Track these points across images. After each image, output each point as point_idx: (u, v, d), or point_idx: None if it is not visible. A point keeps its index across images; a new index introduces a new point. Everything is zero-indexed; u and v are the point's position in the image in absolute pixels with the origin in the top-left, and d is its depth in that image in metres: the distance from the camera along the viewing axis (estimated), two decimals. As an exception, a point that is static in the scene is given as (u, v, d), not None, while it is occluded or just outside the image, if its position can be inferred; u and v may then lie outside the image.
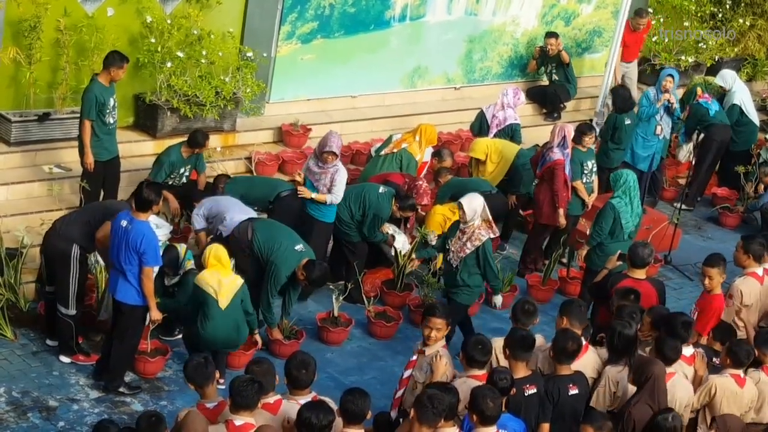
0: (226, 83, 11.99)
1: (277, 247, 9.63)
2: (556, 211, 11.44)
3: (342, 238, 10.77)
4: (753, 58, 17.36)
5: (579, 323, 8.00)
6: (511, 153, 12.12)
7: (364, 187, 10.96)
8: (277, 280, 9.60)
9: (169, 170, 10.78)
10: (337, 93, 13.51)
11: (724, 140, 14.10)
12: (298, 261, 9.62)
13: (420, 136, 11.87)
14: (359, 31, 13.41)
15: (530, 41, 15.15)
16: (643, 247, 9.19)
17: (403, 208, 10.79)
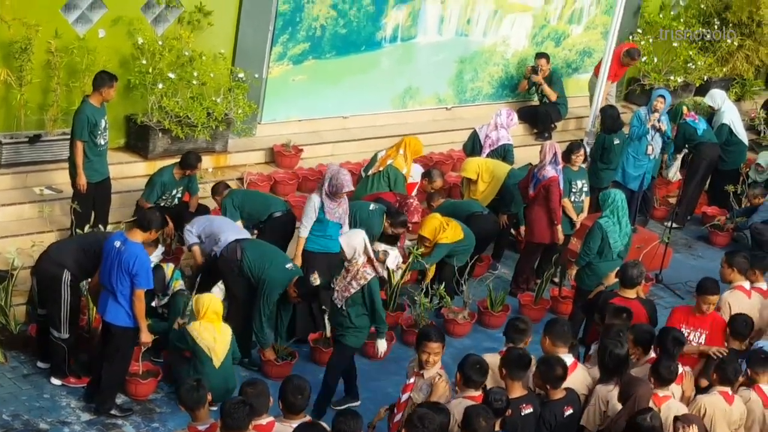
0: (217, 104, 11.93)
1: (268, 265, 9.57)
2: (551, 228, 11.36)
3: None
4: (741, 77, 17.40)
5: (563, 342, 7.95)
6: (502, 172, 12.07)
7: (355, 205, 10.88)
8: (269, 298, 9.54)
9: (161, 191, 10.70)
10: (329, 114, 13.46)
11: (713, 158, 14.11)
12: (290, 279, 9.58)
13: (404, 149, 11.78)
14: (350, 52, 13.37)
15: (521, 62, 15.14)
16: (632, 267, 9.20)
17: (394, 225, 10.72)
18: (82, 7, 11.12)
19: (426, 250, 11.06)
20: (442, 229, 10.94)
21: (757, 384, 8.10)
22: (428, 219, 11.12)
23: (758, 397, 8.06)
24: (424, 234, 11.01)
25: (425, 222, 11.10)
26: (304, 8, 12.75)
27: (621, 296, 9.15)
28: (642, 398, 7.42)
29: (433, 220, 11.03)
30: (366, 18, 13.36)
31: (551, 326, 8.05)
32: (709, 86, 16.30)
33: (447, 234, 10.94)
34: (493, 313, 11.16)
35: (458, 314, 10.95)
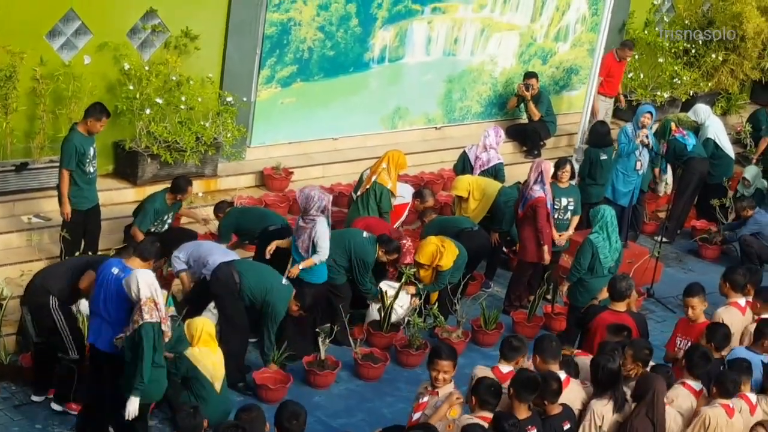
0: (206, 128, 11.79)
1: (269, 287, 9.54)
2: (540, 248, 11.27)
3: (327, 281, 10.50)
4: (726, 92, 17.41)
5: (553, 359, 7.87)
6: (493, 190, 11.95)
7: (347, 233, 10.73)
8: (276, 318, 9.56)
9: (154, 217, 10.54)
10: (319, 136, 13.34)
11: (703, 173, 14.14)
12: (290, 294, 9.60)
13: (387, 163, 11.62)
14: (339, 74, 13.26)
15: (508, 80, 15.07)
16: (621, 280, 9.25)
17: (389, 252, 10.63)
18: (67, 33, 10.98)
19: (425, 274, 10.92)
20: (439, 253, 10.81)
21: (742, 393, 8.06)
22: (424, 244, 10.98)
23: (747, 406, 8.03)
24: (422, 261, 10.90)
25: (422, 247, 10.99)
26: (291, 31, 12.64)
27: (611, 310, 9.18)
28: (659, 393, 7.54)
29: (430, 246, 10.90)
30: (353, 39, 13.25)
31: (539, 344, 7.99)
32: (695, 101, 16.30)
33: (446, 258, 10.83)
34: (486, 332, 11.02)
35: (452, 333, 10.80)
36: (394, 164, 11.66)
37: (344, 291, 10.56)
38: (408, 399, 9.67)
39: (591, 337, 9.11)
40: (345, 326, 10.33)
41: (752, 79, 17.53)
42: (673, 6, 17.01)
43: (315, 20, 12.83)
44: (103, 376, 8.45)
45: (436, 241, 10.95)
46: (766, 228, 13.43)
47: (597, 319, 9.11)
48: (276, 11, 12.43)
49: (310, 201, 9.99)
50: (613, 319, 8.98)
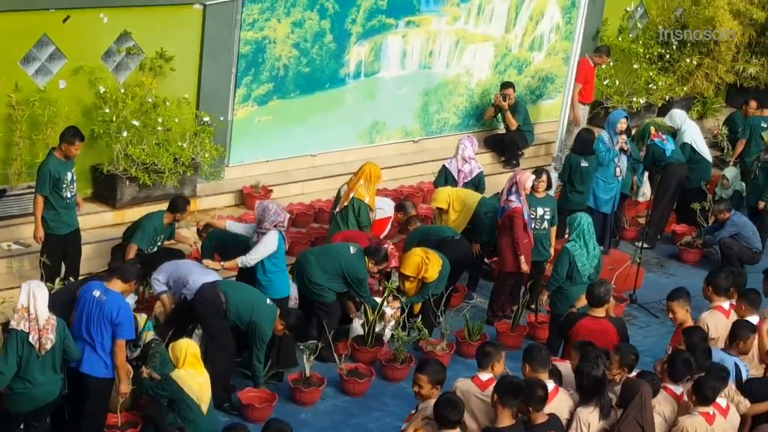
0: (184, 149, 11.82)
1: (256, 306, 9.58)
2: (518, 258, 11.33)
3: (315, 299, 10.55)
4: (702, 96, 17.53)
5: (542, 368, 7.93)
6: (473, 201, 12.02)
7: (334, 251, 10.73)
8: (263, 337, 9.58)
9: (152, 236, 10.53)
10: (297, 153, 13.38)
11: (682, 178, 14.20)
12: (276, 314, 9.64)
13: (364, 178, 11.66)
14: (315, 90, 13.33)
15: (485, 91, 15.16)
16: (599, 286, 9.34)
17: (378, 262, 10.68)
18: (41, 58, 11.01)
19: (410, 285, 10.97)
20: (424, 264, 10.85)
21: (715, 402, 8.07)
22: (409, 256, 11.00)
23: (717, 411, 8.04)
24: (407, 272, 10.93)
25: (406, 259, 11.01)
26: (266, 49, 12.70)
27: (591, 316, 9.25)
28: (646, 396, 7.64)
29: (414, 257, 10.93)
30: (328, 55, 13.32)
31: (528, 353, 8.05)
32: (671, 106, 16.41)
33: (431, 270, 10.87)
34: (471, 343, 11.07)
35: (436, 346, 10.86)
36: (370, 178, 11.70)
37: (333, 309, 10.60)
38: (394, 413, 9.74)
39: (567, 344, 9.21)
40: (329, 342, 10.36)
41: (727, 82, 17.63)
42: (646, 12, 17.15)
43: (290, 37, 12.89)
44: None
45: (420, 252, 10.98)
46: (743, 229, 13.53)
47: (577, 326, 9.19)
48: (250, 30, 12.49)
49: (266, 213, 10.08)
50: (593, 325, 9.08)
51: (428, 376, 7.50)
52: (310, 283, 10.48)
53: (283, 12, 12.73)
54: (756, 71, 17.62)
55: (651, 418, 7.70)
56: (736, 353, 8.82)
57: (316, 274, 10.44)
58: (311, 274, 10.45)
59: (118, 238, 10.99)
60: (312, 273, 10.45)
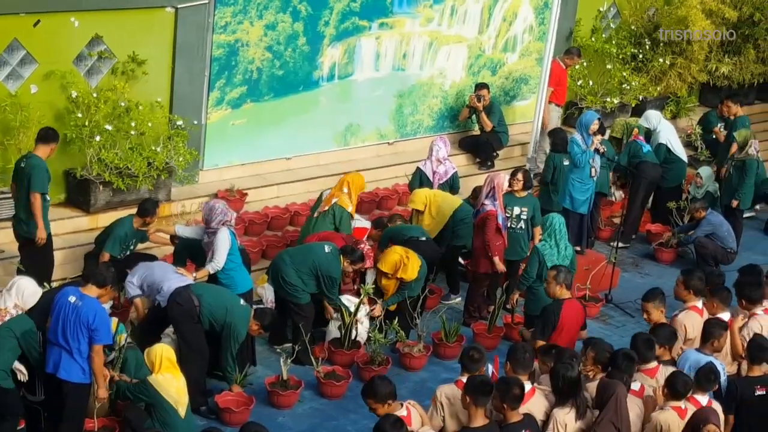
0: (157, 153, 11.88)
1: (229, 308, 9.65)
2: (491, 260, 11.46)
3: (289, 300, 10.64)
4: (675, 95, 17.71)
5: (522, 369, 8.09)
6: (449, 208, 12.08)
7: (308, 248, 10.85)
8: (237, 338, 9.66)
9: (123, 242, 10.60)
10: (271, 156, 13.46)
11: (654, 178, 14.34)
12: (250, 314, 9.74)
13: (348, 186, 11.78)
14: (289, 93, 13.41)
15: (459, 93, 15.27)
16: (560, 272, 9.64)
17: (354, 262, 10.77)
18: (12, 63, 11.04)
19: (387, 283, 11.05)
20: (402, 263, 10.95)
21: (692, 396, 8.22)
22: (389, 253, 11.08)
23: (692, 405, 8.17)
24: (384, 269, 11.01)
25: (385, 256, 11.09)
26: (239, 52, 12.78)
27: (567, 300, 9.60)
28: (621, 396, 7.76)
29: (393, 255, 11.01)
30: (302, 58, 13.41)
31: (512, 353, 8.21)
32: (645, 106, 16.59)
33: (410, 270, 10.96)
34: (448, 345, 11.19)
35: (413, 348, 10.96)
36: (354, 187, 11.80)
37: (307, 310, 10.68)
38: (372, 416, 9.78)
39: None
40: (306, 345, 10.46)
41: (700, 81, 17.78)
42: (618, 12, 17.32)
43: (263, 40, 12.98)
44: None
45: (400, 251, 11.06)
46: (719, 229, 13.68)
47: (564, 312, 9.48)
48: (223, 33, 12.57)
49: (213, 213, 10.21)
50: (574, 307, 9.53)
51: (374, 398, 7.57)
52: (285, 283, 10.58)
53: (256, 15, 12.81)
54: (728, 70, 17.82)
55: (627, 419, 7.81)
56: (710, 352, 8.91)
57: (290, 274, 10.53)
58: (285, 273, 10.55)
59: (92, 243, 11.03)
60: (286, 272, 10.55)
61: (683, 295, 9.82)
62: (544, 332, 9.59)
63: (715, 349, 8.98)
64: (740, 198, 14.32)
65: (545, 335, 9.59)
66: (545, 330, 9.59)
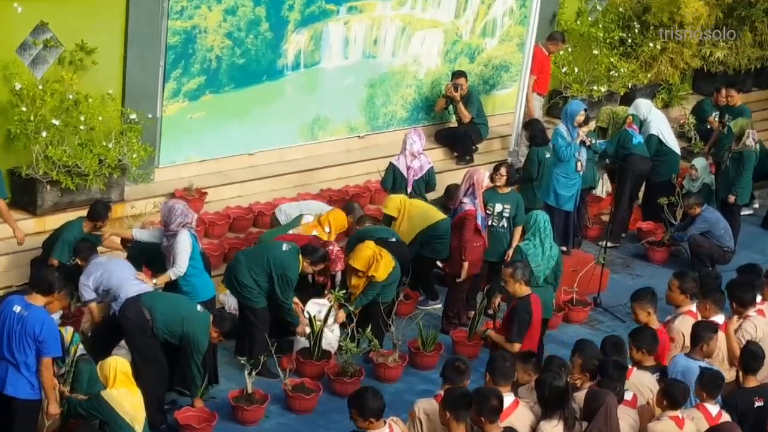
0: (109, 150, 11.90)
1: (185, 317, 9.69)
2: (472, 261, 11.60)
3: (244, 303, 10.71)
4: (667, 83, 17.80)
5: (504, 380, 8.21)
6: (422, 223, 12.09)
7: (265, 247, 10.94)
8: (200, 348, 9.71)
9: (72, 247, 10.61)
10: (233, 152, 13.50)
11: (642, 171, 14.44)
12: (209, 320, 9.78)
13: (330, 226, 11.84)
14: (251, 84, 13.46)
15: (434, 81, 15.34)
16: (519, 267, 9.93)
17: (314, 262, 10.77)
18: (-49, 54, 11.05)
19: (358, 283, 11.12)
20: (375, 260, 11.02)
21: (701, 403, 8.41)
22: (361, 248, 11.17)
23: (702, 415, 8.34)
24: (357, 265, 11.08)
25: (357, 251, 11.16)
26: (197, 39, 12.81)
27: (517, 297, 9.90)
28: (612, 406, 7.86)
29: (366, 250, 11.09)
30: (265, 45, 13.46)
31: (491, 363, 8.31)
32: (635, 94, 16.70)
33: (381, 268, 11.05)
34: (425, 354, 11.29)
35: (388, 357, 11.05)
36: (336, 227, 11.87)
37: (260, 316, 10.69)
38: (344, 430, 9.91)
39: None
40: (273, 356, 10.51)
41: (693, 67, 17.91)
42: (605, -7, 17.42)
43: (222, 26, 13.01)
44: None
45: (373, 246, 11.15)
46: (715, 226, 13.83)
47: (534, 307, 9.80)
48: (179, 19, 12.59)
49: (172, 214, 10.26)
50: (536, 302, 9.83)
51: (359, 411, 7.67)
52: (238, 284, 10.64)
53: (215, -2, 12.88)
54: (723, 55, 17.97)
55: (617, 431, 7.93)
56: (700, 357, 9.02)
57: (243, 273, 10.59)
58: (239, 273, 10.61)
59: (39, 248, 11.04)
60: (239, 272, 10.61)
61: (677, 299, 9.90)
62: (521, 333, 9.72)
63: (705, 354, 9.07)
64: (737, 193, 14.46)
65: (522, 336, 9.72)
66: (521, 331, 9.72)
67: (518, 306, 9.85)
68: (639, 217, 15.09)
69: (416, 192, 12.88)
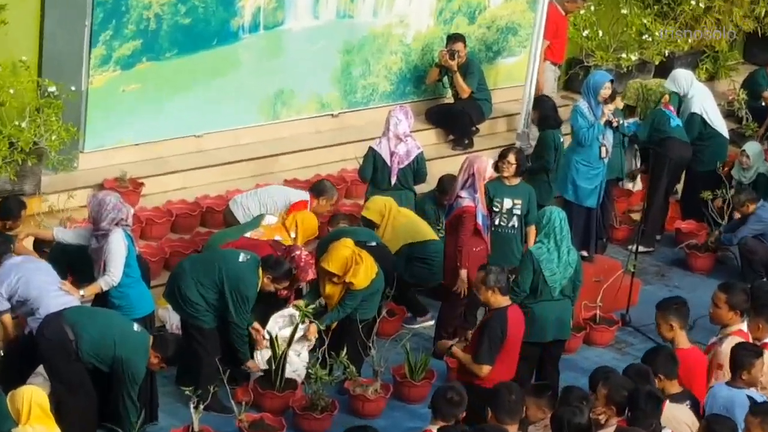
0: (22, 130, 11.91)
1: (119, 339, 9.68)
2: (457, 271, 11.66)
3: (189, 321, 10.74)
4: (713, 49, 17.83)
5: (510, 418, 8.25)
6: (407, 237, 12.19)
7: (217, 257, 10.96)
8: (135, 376, 9.69)
9: None
10: (176, 133, 13.51)
11: (681, 159, 14.48)
12: (147, 343, 9.74)
13: (296, 230, 11.86)
14: (199, 49, 13.46)
15: (425, 48, 15.35)
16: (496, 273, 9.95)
17: (277, 279, 10.78)
18: None
19: (333, 291, 11.15)
20: (354, 262, 11.03)
21: None
22: (337, 247, 11.12)
23: None
24: (331, 268, 11.06)
25: (332, 252, 11.14)
26: (131, -7, 12.84)
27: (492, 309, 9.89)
28: None
29: (343, 249, 11.02)
30: (215, 1, 13.45)
31: (494, 396, 8.37)
32: (672, 64, 16.73)
33: (360, 273, 11.07)
34: (413, 383, 11.32)
35: (368, 387, 11.07)
36: (303, 232, 11.89)
37: (209, 338, 10.72)
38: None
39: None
40: (225, 385, 10.53)
41: (745, 30, 17.98)
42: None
43: (163, -22, 13.06)
44: None
45: (351, 245, 11.15)
46: (772, 227, 13.93)
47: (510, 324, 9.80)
48: (109, -32, 12.64)
49: (103, 209, 10.25)
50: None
51: None
52: (182, 299, 10.67)
53: (153, -57, 12.90)
54: (782, 15, 18.05)
55: None
56: (744, 385, 9.06)
57: (187, 285, 10.61)
58: (184, 285, 10.64)
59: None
60: (183, 284, 10.63)
61: (724, 317, 9.89)
62: (491, 354, 9.69)
63: (748, 382, 9.10)
64: (799, 184, 14.56)
65: (493, 358, 9.71)
66: (492, 350, 9.70)
67: (491, 320, 9.82)
68: (677, 215, 15.14)
69: (402, 184, 12.92)
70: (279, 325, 11.09)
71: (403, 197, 12.93)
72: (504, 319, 9.79)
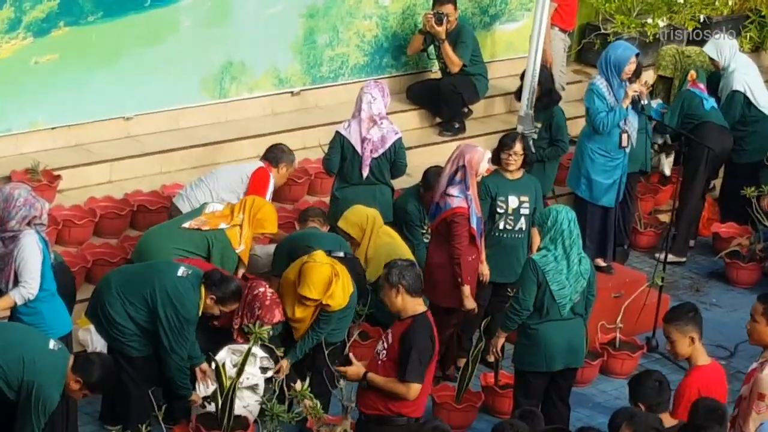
0: None
1: (29, 358, 9.60)
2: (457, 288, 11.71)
3: (116, 347, 10.77)
4: (758, 13, 17.94)
5: None
6: (387, 259, 12.18)
7: (151, 267, 11.00)
8: (45, 406, 9.56)
9: None
10: (101, 115, 13.57)
11: (722, 149, 14.52)
12: (65, 365, 9.64)
13: (246, 213, 11.84)
14: (128, 11, 13.51)
15: (406, 11, 15.41)
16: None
17: (223, 300, 10.76)
18: None
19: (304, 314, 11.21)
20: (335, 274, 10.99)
21: None
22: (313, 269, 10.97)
23: None
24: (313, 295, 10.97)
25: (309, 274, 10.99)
26: (46, -58, 12.89)
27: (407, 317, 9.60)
28: None
29: (322, 269, 10.91)
30: (149, -47, 13.54)
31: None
32: (710, 31, 16.76)
33: (338, 291, 11.07)
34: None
35: (335, 427, 11.11)
36: (256, 221, 11.78)
37: (140, 368, 10.76)
38: None
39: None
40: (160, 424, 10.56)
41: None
42: None
43: (83, -77, 13.10)
44: None
45: (326, 260, 11.11)
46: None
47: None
48: None
49: (10, 204, 10.19)
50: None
51: None
52: (107, 321, 10.69)
53: None
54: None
55: None
56: None
57: (113, 305, 10.65)
58: (108, 304, 10.67)
59: None
60: (109, 303, 10.67)
61: (764, 334, 9.84)
62: (421, 368, 9.49)
63: None
64: None
65: (422, 374, 9.55)
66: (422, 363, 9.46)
67: (412, 329, 9.59)
68: (715, 217, 15.25)
69: (376, 177, 12.90)
70: (232, 361, 11.08)
71: (378, 194, 12.92)
72: (428, 325, 9.60)
